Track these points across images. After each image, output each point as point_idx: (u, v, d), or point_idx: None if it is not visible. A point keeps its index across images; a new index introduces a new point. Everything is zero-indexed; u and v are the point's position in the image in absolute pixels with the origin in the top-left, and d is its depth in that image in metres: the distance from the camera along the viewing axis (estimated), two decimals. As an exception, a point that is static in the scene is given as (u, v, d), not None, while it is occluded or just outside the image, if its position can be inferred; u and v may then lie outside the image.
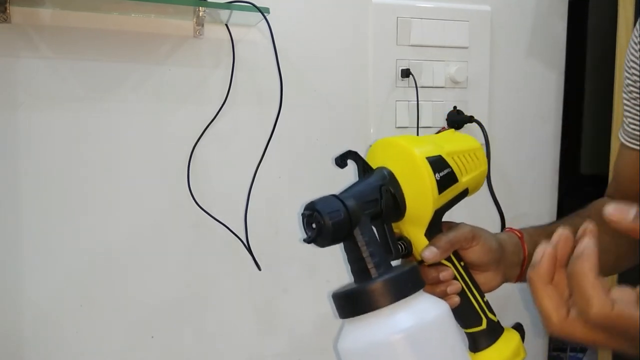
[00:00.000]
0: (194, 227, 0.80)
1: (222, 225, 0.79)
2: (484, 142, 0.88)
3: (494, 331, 0.55)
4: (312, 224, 0.47)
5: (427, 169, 0.52)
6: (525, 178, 0.98)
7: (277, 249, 0.84)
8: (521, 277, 0.63)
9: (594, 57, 0.96)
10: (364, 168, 0.54)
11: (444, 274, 0.55)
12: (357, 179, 0.54)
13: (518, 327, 0.59)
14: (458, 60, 0.90)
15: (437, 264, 0.55)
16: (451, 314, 0.47)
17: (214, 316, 0.82)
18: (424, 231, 0.54)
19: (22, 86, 0.72)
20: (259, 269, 0.82)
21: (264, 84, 0.80)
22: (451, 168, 0.54)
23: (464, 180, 0.56)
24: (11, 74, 0.71)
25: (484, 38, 0.91)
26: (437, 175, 0.52)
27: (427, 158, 0.52)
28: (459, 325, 0.50)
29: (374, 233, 0.49)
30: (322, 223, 0.45)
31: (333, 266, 0.84)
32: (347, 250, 0.48)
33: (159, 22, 0.76)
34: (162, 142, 0.78)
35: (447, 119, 0.89)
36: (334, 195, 0.48)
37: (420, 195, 0.52)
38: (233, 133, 0.80)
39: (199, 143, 0.78)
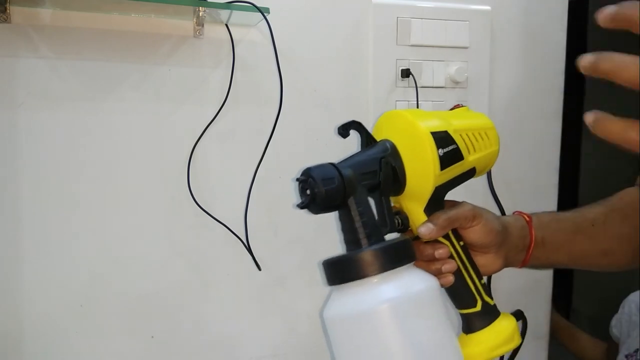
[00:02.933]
0: (194, 227, 0.80)
1: (222, 225, 0.79)
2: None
3: (489, 314, 0.55)
4: (306, 189, 0.47)
5: (431, 143, 0.50)
6: (525, 177, 0.98)
7: (277, 249, 0.84)
8: (526, 263, 0.62)
9: (594, 57, 0.96)
10: (367, 140, 0.54)
11: (440, 252, 0.54)
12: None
13: (518, 314, 0.58)
14: (458, 60, 0.90)
15: (434, 241, 0.54)
16: (439, 290, 0.47)
17: (213, 316, 0.82)
18: (423, 207, 0.53)
19: (22, 86, 0.72)
20: (259, 269, 0.82)
21: (264, 84, 0.80)
22: (457, 145, 0.53)
23: (470, 159, 0.55)
24: (11, 74, 0.71)
25: (484, 38, 0.91)
26: (440, 151, 0.51)
27: (432, 133, 0.51)
28: (447, 305, 0.49)
29: (369, 204, 0.49)
30: (316, 190, 0.45)
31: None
32: (341, 219, 0.48)
33: (159, 22, 0.76)
34: (162, 142, 0.78)
35: (447, 119, 0.89)
36: (331, 164, 0.48)
37: (421, 169, 0.51)
38: (233, 133, 0.80)
39: (199, 143, 0.78)
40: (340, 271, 0.46)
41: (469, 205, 0.57)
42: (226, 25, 0.78)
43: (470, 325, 0.55)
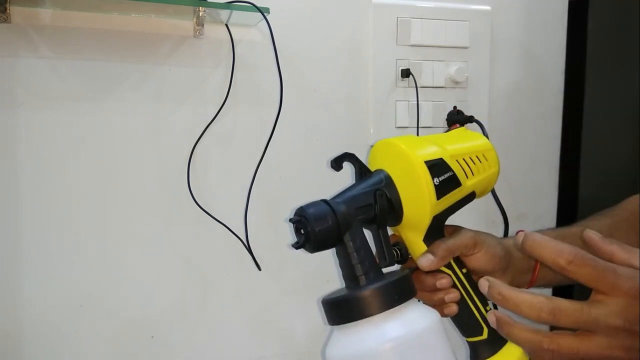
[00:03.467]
0: (194, 227, 0.80)
1: (222, 225, 0.79)
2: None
3: (496, 342, 0.53)
4: (300, 229, 0.46)
5: (425, 173, 0.49)
6: (525, 178, 0.98)
7: (277, 249, 0.84)
8: (533, 284, 0.60)
9: (594, 56, 0.96)
10: (360, 171, 0.53)
11: (442, 282, 0.52)
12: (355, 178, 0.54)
13: None
14: (458, 60, 0.90)
15: (436, 271, 0.53)
16: (442, 324, 0.46)
17: (213, 316, 0.82)
18: (422, 237, 0.52)
19: (22, 86, 0.72)
20: (259, 269, 0.82)
21: (264, 84, 0.80)
22: (453, 172, 0.52)
23: (468, 183, 0.54)
24: (11, 74, 0.71)
25: (484, 38, 0.91)
26: (435, 180, 0.50)
27: (427, 162, 0.50)
28: (449, 336, 0.48)
29: (365, 239, 0.48)
30: (310, 229, 0.45)
31: (333, 266, 0.84)
32: (338, 255, 0.48)
33: (159, 22, 0.76)
34: (162, 142, 0.78)
35: (447, 119, 0.89)
36: (324, 201, 0.47)
37: (417, 200, 0.50)
38: (233, 133, 0.80)
39: (199, 143, 0.78)
40: (340, 311, 0.45)
41: (469, 232, 0.55)
42: (226, 25, 0.78)
43: (477, 353, 0.54)
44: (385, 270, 0.49)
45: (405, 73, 0.86)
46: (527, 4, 0.95)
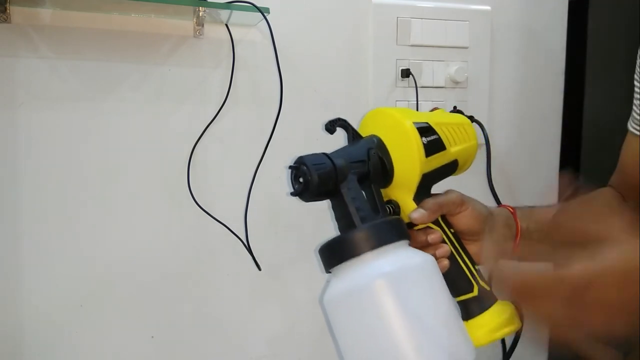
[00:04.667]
0: (194, 227, 0.80)
1: (222, 225, 0.79)
2: (484, 142, 0.88)
3: (486, 299, 0.55)
4: (299, 177, 0.48)
5: (414, 132, 0.53)
6: (525, 178, 0.98)
7: (277, 249, 0.84)
8: (514, 253, 0.63)
9: (594, 56, 0.96)
10: (353, 136, 0.56)
11: (432, 237, 0.55)
12: None
13: None
14: (458, 60, 0.90)
15: (426, 228, 0.56)
16: (436, 264, 0.47)
17: (213, 316, 0.82)
18: (412, 196, 0.55)
19: (22, 86, 0.72)
20: (259, 269, 0.82)
21: (264, 84, 0.80)
22: (439, 135, 0.56)
23: (452, 150, 0.57)
24: (11, 74, 0.71)
25: (484, 38, 0.91)
26: (424, 139, 0.54)
27: (415, 123, 0.54)
28: (442, 278, 0.48)
29: (361, 190, 0.50)
30: (309, 176, 0.47)
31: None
32: (334, 207, 0.49)
33: (159, 22, 0.76)
34: (162, 142, 0.78)
35: (447, 119, 0.90)
36: (323, 153, 0.50)
37: (407, 157, 0.53)
38: (233, 133, 0.80)
39: (199, 143, 0.78)
40: (335, 252, 0.46)
41: (456, 191, 0.59)
42: (226, 25, 0.78)
43: (468, 311, 0.55)
44: None
45: (405, 73, 0.86)
46: (527, 4, 0.95)
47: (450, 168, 0.59)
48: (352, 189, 0.48)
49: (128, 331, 0.78)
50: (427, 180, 0.56)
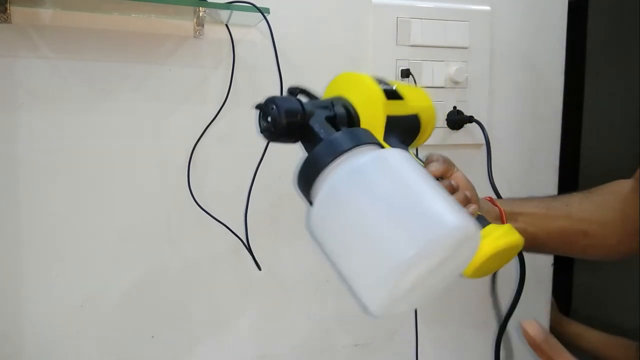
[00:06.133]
0: (194, 227, 0.80)
1: (222, 225, 0.79)
2: (484, 142, 0.88)
3: (482, 220, 0.56)
4: (267, 116, 0.49)
5: (372, 80, 0.57)
6: (525, 178, 0.98)
7: (277, 249, 0.84)
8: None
9: (594, 57, 0.96)
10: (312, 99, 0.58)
11: (457, 178, 0.60)
12: None
13: None
14: (458, 60, 0.90)
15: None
16: (408, 156, 0.45)
17: (213, 316, 0.82)
18: (381, 137, 0.56)
19: (22, 86, 0.72)
20: (259, 269, 0.82)
21: (264, 84, 0.80)
22: (394, 88, 0.59)
23: (410, 103, 0.60)
24: (11, 74, 0.71)
25: (484, 38, 0.91)
26: (381, 85, 0.57)
27: (371, 76, 0.58)
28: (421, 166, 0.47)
29: (329, 125, 0.50)
30: (277, 112, 0.48)
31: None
32: (305, 144, 0.50)
33: (159, 22, 0.76)
34: (162, 142, 0.78)
35: (447, 119, 0.90)
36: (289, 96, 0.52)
37: (369, 100, 0.56)
38: (233, 133, 0.80)
39: (199, 143, 0.78)
40: (311, 167, 0.43)
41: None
42: (226, 25, 0.78)
43: None
44: None
45: (405, 73, 0.86)
46: (527, 4, 0.95)
47: (413, 123, 0.61)
48: (321, 123, 0.49)
49: (128, 331, 0.78)
50: (393, 125, 0.57)
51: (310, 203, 0.43)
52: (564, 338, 1.27)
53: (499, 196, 0.83)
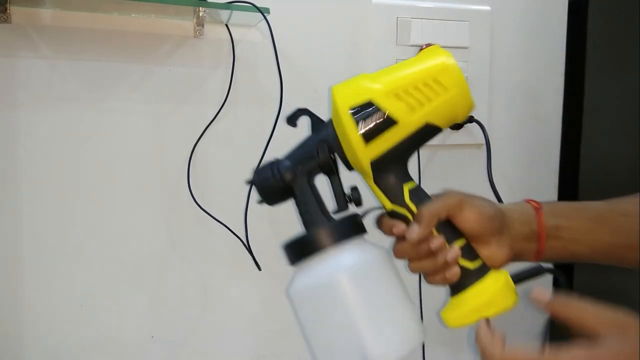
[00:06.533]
0: (194, 227, 0.80)
1: (222, 225, 0.79)
2: (484, 142, 0.88)
3: (471, 277, 0.52)
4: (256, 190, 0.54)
5: (349, 121, 0.49)
6: (525, 178, 0.98)
7: (277, 249, 0.84)
8: (541, 254, 0.56)
9: (594, 57, 0.96)
10: (313, 124, 0.56)
11: (435, 244, 0.50)
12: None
13: (536, 270, 0.56)
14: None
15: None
16: (388, 257, 0.50)
17: (213, 316, 0.82)
18: (372, 180, 0.52)
19: (22, 86, 0.72)
20: (259, 269, 0.82)
21: (264, 84, 0.80)
22: (385, 112, 0.49)
23: (413, 118, 0.49)
24: (11, 74, 0.71)
25: (484, 38, 0.91)
26: (361, 125, 0.49)
27: (353, 108, 0.50)
28: (396, 270, 0.50)
29: (309, 191, 0.53)
30: (258, 190, 0.54)
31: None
32: (295, 205, 0.54)
33: (159, 22, 0.76)
34: (162, 142, 0.78)
35: (447, 119, 0.89)
36: (271, 163, 0.54)
37: (349, 146, 0.50)
38: (233, 133, 0.80)
39: (199, 143, 0.78)
40: (295, 250, 0.51)
41: (454, 192, 0.53)
42: (226, 25, 0.78)
43: (462, 282, 0.51)
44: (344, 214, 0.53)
45: (405, 73, 0.86)
46: (527, 4, 0.95)
47: (425, 135, 0.51)
48: (300, 193, 0.52)
49: (128, 331, 0.78)
50: (387, 161, 0.51)
51: (290, 264, 0.52)
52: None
53: (498, 198, 0.82)
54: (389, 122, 0.49)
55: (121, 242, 0.77)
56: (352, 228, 0.50)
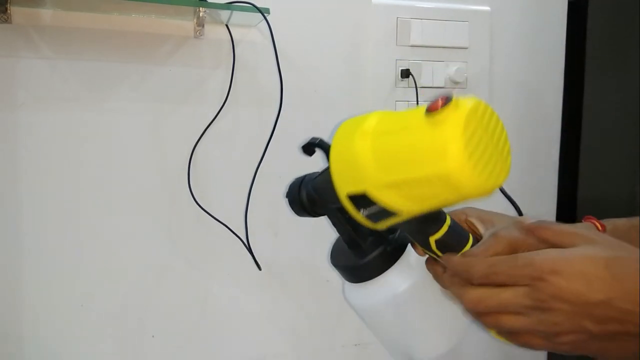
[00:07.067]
0: (194, 227, 0.80)
1: (222, 225, 0.79)
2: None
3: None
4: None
5: (350, 205, 0.45)
6: (525, 178, 0.98)
7: (277, 249, 0.84)
8: None
9: (594, 56, 0.96)
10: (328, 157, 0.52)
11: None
12: None
13: None
14: (458, 60, 0.90)
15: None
16: (426, 279, 0.53)
17: (213, 316, 0.82)
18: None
19: (22, 86, 0.72)
20: (259, 268, 0.82)
21: (264, 84, 0.80)
22: (380, 206, 0.42)
23: (415, 209, 0.41)
24: (11, 74, 0.71)
25: (484, 38, 0.91)
26: (363, 211, 0.44)
27: (349, 194, 0.44)
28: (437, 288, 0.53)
29: (342, 218, 0.52)
30: (291, 207, 0.56)
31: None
32: (332, 224, 0.55)
33: (160, 23, 0.76)
34: (162, 142, 0.78)
35: (447, 119, 0.89)
36: (300, 182, 0.55)
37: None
38: (233, 133, 0.80)
39: (199, 143, 0.78)
40: (350, 274, 0.55)
41: (473, 215, 0.50)
42: (226, 25, 0.78)
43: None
44: None
45: (405, 73, 0.86)
46: (527, 4, 0.95)
47: (433, 214, 0.46)
48: (332, 219, 0.53)
49: (128, 331, 0.78)
50: (401, 226, 0.47)
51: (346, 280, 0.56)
52: None
53: (508, 198, 0.78)
54: (387, 213, 0.42)
55: (121, 242, 0.77)
56: (398, 250, 0.53)
